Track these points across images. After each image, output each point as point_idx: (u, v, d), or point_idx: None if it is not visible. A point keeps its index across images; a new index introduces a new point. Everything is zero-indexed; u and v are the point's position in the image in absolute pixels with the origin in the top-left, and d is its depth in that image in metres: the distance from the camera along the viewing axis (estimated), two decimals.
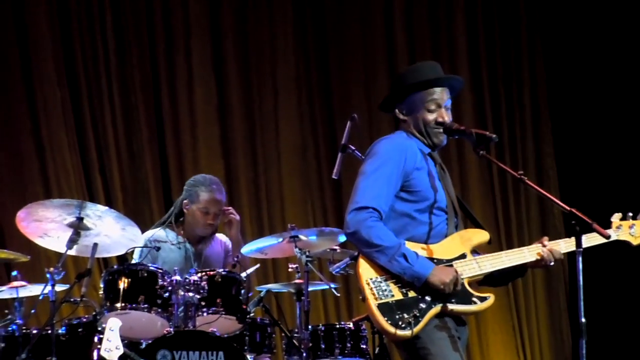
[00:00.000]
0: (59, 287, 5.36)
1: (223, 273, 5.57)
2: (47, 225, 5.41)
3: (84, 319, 5.57)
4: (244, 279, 5.63)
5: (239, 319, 5.53)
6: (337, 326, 6.12)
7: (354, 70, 8.59)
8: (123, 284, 5.37)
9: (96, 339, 5.34)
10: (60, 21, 7.65)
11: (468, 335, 4.21)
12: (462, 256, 4.05)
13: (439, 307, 3.92)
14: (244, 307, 5.57)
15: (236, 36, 8.24)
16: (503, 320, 8.53)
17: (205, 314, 5.45)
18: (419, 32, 8.74)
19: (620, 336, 8.24)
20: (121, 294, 5.34)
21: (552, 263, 4.12)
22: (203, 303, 5.45)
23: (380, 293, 3.90)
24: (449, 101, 4.21)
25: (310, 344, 5.80)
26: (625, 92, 8.49)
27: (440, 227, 4.10)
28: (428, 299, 3.91)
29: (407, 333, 3.85)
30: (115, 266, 5.67)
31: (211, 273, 5.53)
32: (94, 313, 5.48)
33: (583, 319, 3.74)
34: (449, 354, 3.92)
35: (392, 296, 3.90)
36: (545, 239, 4.17)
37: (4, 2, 7.49)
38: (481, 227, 4.20)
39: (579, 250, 3.80)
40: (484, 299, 4.00)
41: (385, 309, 3.86)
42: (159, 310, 5.36)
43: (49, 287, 5.28)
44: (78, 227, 5.36)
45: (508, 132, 8.81)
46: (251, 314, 5.76)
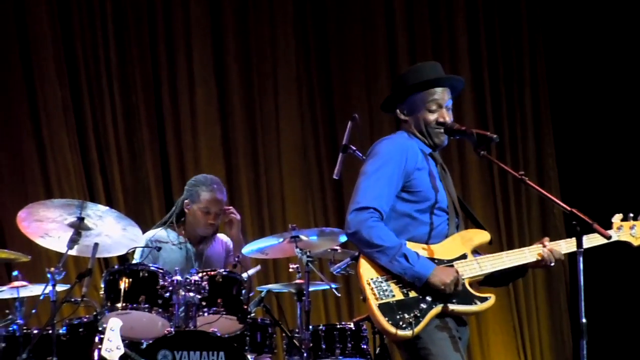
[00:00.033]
0: (59, 287, 5.36)
1: (224, 273, 5.56)
2: (48, 225, 5.41)
3: (85, 319, 5.57)
4: (245, 279, 5.63)
5: (240, 319, 5.53)
6: (338, 326, 6.11)
7: (355, 70, 8.59)
8: (124, 284, 5.36)
9: (97, 339, 5.34)
10: (61, 21, 7.64)
11: (469, 336, 4.21)
12: (463, 256, 4.04)
13: (440, 307, 3.92)
14: (245, 307, 5.57)
15: (237, 36, 8.24)
16: (504, 321, 8.53)
17: (206, 314, 5.45)
18: (419, 32, 8.74)
19: (621, 337, 8.23)
20: (122, 294, 5.34)
21: (552, 264, 4.12)
22: (204, 303, 5.44)
23: (381, 293, 3.89)
24: (450, 101, 4.21)
25: (311, 344, 5.80)
26: (627, 93, 8.48)
27: (441, 227, 4.10)
28: (429, 299, 3.91)
29: (408, 333, 3.85)
30: (116, 266, 5.67)
31: (212, 273, 5.53)
32: (94, 313, 5.48)
33: (584, 320, 3.74)
34: (449, 354, 3.91)
35: (393, 296, 3.90)
36: (546, 239, 4.18)
37: (5, 1, 7.49)
38: (482, 227, 4.20)
39: (580, 250, 3.80)
40: (484, 299, 4.00)
41: (386, 309, 3.86)
42: (160, 310, 5.36)
43: (49, 287, 5.27)
44: (79, 227, 5.36)
45: (509, 132, 8.81)
46: (252, 314, 5.76)
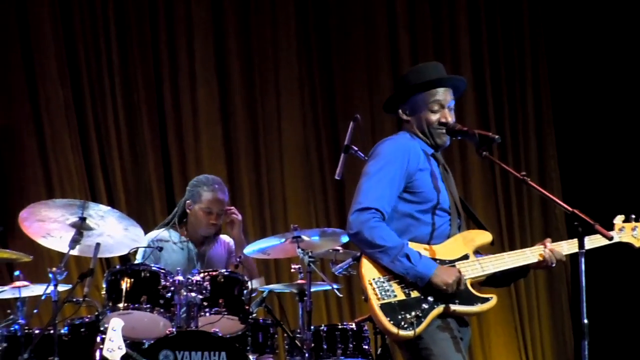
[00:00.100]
0: (61, 287, 5.36)
1: (225, 273, 5.57)
2: (49, 225, 5.41)
3: (87, 319, 5.57)
4: (250, 287, 5.63)
5: (242, 320, 5.53)
6: (340, 327, 6.11)
7: (357, 70, 8.59)
8: (125, 284, 5.37)
9: (98, 339, 5.35)
10: (63, 21, 7.64)
11: (470, 336, 4.21)
12: (465, 257, 4.04)
13: (442, 307, 3.92)
14: (247, 307, 5.57)
15: (239, 36, 8.24)
16: (505, 322, 8.52)
17: (207, 314, 5.45)
18: (421, 32, 8.73)
19: (622, 337, 8.23)
20: (124, 294, 5.34)
21: (553, 264, 4.12)
22: (205, 303, 5.45)
23: (383, 293, 3.89)
24: (452, 102, 4.21)
25: (313, 345, 5.80)
26: (629, 93, 8.48)
27: (443, 227, 4.10)
28: (431, 299, 3.91)
29: (410, 333, 3.85)
30: (117, 266, 5.67)
31: (214, 273, 5.53)
32: (96, 313, 5.49)
33: (585, 320, 3.73)
34: (451, 355, 3.91)
35: (395, 296, 3.90)
36: (548, 240, 4.17)
37: (7, 1, 7.49)
38: (484, 228, 4.20)
39: (582, 251, 3.79)
40: (486, 299, 4.00)
41: (387, 309, 3.86)
42: (162, 310, 5.36)
43: (51, 287, 5.28)
44: (81, 227, 5.36)
45: (511, 133, 8.81)
46: (253, 315, 5.76)
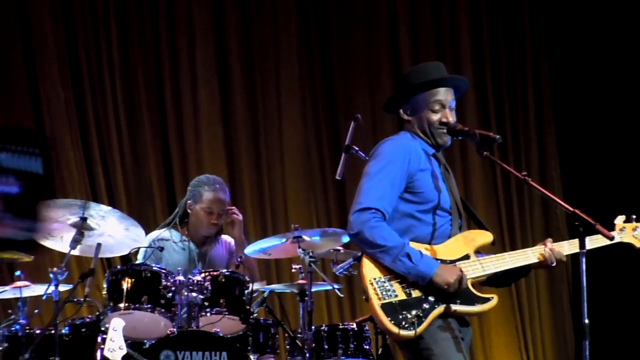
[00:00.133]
0: (62, 287, 5.37)
1: (226, 273, 5.57)
2: (50, 226, 5.41)
3: (88, 319, 5.57)
4: (251, 288, 5.63)
5: (243, 320, 5.53)
6: (340, 327, 6.10)
7: (358, 70, 8.58)
8: (126, 284, 5.37)
9: (99, 339, 5.35)
10: (64, 21, 7.64)
11: (472, 336, 4.21)
12: (466, 257, 4.04)
13: (443, 307, 3.92)
14: (248, 307, 5.57)
15: (240, 37, 8.24)
16: (506, 322, 8.52)
17: (208, 314, 5.45)
18: (422, 32, 8.73)
19: (623, 337, 8.22)
20: (125, 294, 5.34)
21: (553, 264, 4.11)
22: (206, 303, 5.45)
23: (384, 293, 3.89)
24: (453, 102, 4.20)
25: (314, 345, 5.80)
26: (630, 93, 8.47)
27: (444, 227, 4.10)
28: (431, 299, 3.91)
29: (411, 333, 3.85)
30: (118, 266, 5.67)
31: (215, 273, 5.53)
32: (97, 313, 5.49)
33: (586, 320, 3.73)
34: (452, 355, 3.91)
35: (396, 296, 3.90)
36: (549, 240, 4.17)
37: (8, 2, 7.49)
38: (485, 228, 4.20)
39: (583, 251, 3.79)
40: (487, 299, 3.99)
41: (388, 309, 3.86)
42: (163, 310, 5.37)
43: (52, 287, 5.28)
44: (82, 227, 5.37)
45: (512, 133, 8.80)
46: (254, 315, 5.77)
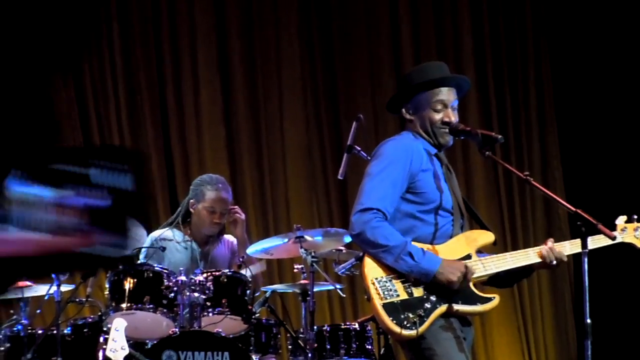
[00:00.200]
0: (64, 287, 5.37)
1: (229, 273, 5.57)
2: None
3: (90, 319, 5.57)
4: (249, 278, 5.64)
5: (245, 320, 5.53)
6: (343, 327, 6.10)
7: (360, 70, 8.58)
8: (129, 284, 5.37)
9: (102, 339, 5.35)
10: None
11: (474, 336, 4.21)
12: (467, 257, 4.04)
13: (444, 307, 3.92)
14: (250, 307, 5.57)
15: (241, 37, 8.24)
16: (508, 322, 8.52)
17: (210, 314, 5.45)
18: (424, 32, 8.73)
19: (625, 337, 8.22)
20: (127, 294, 5.34)
21: (553, 262, 4.07)
22: (208, 303, 5.45)
23: (386, 293, 3.89)
24: (455, 101, 4.20)
25: (316, 345, 5.80)
26: (632, 93, 8.47)
27: (446, 227, 4.10)
28: (433, 298, 3.91)
29: (412, 333, 3.85)
30: (120, 266, 5.67)
31: (217, 273, 5.53)
32: (99, 313, 5.49)
33: (588, 320, 3.73)
34: (454, 355, 3.91)
35: (398, 296, 3.90)
36: (550, 240, 4.16)
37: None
38: (486, 228, 4.19)
39: (585, 251, 3.79)
40: (489, 299, 4.00)
41: (390, 308, 3.86)
42: (165, 310, 5.37)
43: (54, 287, 5.29)
44: None
45: (514, 133, 8.80)
46: (256, 315, 5.77)
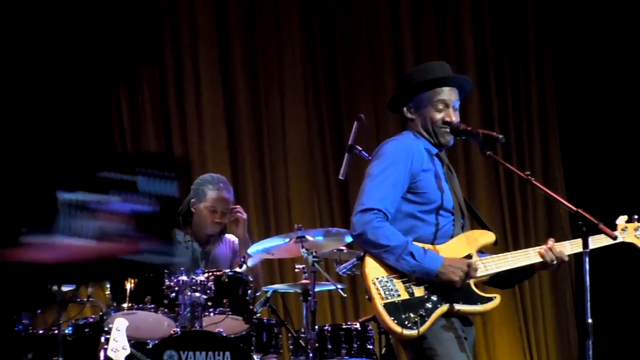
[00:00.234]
0: (65, 287, 5.36)
1: (230, 273, 5.57)
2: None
3: (91, 319, 5.58)
4: (250, 266, 5.65)
5: (246, 319, 5.53)
6: (344, 326, 6.11)
7: (361, 70, 8.58)
8: (130, 284, 5.37)
9: (103, 339, 5.35)
10: None
11: (475, 336, 4.20)
12: (468, 257, 4.03)
13: (445, 307, 3.92)
14: (251, 307, 5.58)
15: (243, 38, 8.24)
16: (509, 321, 8.51)
17: (211, 314, 5.45)
18: (425, 32, 8.72)
19: (626, 337, 8.22)
20: (128, 294, 5.35)
21: (554, 261, 4.07)
22: (210, 303, 5.45)
23: (387, 293, 3.89)
24: (457, 102, 4.21)
25: (317, 345, 5.80)
26: (633, 93, 8.46)
27: (447, 227, 4.10)
28: (434, 298, 3.91)
29: (414, 333, 3.85)
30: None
31: (218, 273, 5.53)
32: (100, 313, 5.49)
33: (589, 320, 3.73)
34: (455, 355, 3.91)
35: (399, 296, 3.90)
36: (551, 240, 4.15)
37: None
38: (487, 228, 4.19)
39: (586, 251, 3.79)
40: (490, 299, 4.00)
41: (391, 308, 3.86)
42: (166, 310, 5.37)
43: (55, 287, 5.27)
44: None
45: (515, 133, 8.79)
46: (258, 315, 5.77)
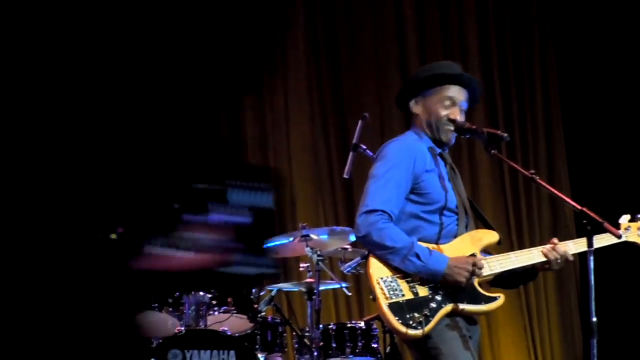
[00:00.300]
0: None
1: None
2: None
3: None
4: None
5: (250, 318, 5.54)
6: (348, 325, 6.11)
7: (365, 71, 8.57)
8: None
9: None
10: None
11: (480, 335, 4.21)
12: (472, 256, 4.04)
13: (450, 306, 3.92)
14: (255, 306, 5.58)
15: None
16: (514, 321, 8.51)
17: (216, 313, 5.46)
18: (430, 32, 8.72)
19: (631, 336, 8.21)
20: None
21: (559, 260, 4.07)
22: (214, 302, 5.46)
23: (391, 292, 3.90)
24: (464, 103, 4.20)
25: (321, 343, 5.81)
26: (638, 92, 8.46)
27: (451, 227, 4.10)
28: (439, 298, 3.92)
29: (418, 332, 3.85)
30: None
31: None
32: None
33: (594, 319, 3.73)
34: (460, 354, 3.91)
35: (403, 295, 3.90)
36: (555, 240, 4.16)
37: None
38: (491, 227, 4.19)
39: (591, 249, 3.78)
40: (494, 299, 4.00)
41: (396, 308, 3.86)
42: (170, 309, 5.38)
43: None
44: None
45: (519, 132, 8.78)
46: (262, 313, 5.77)
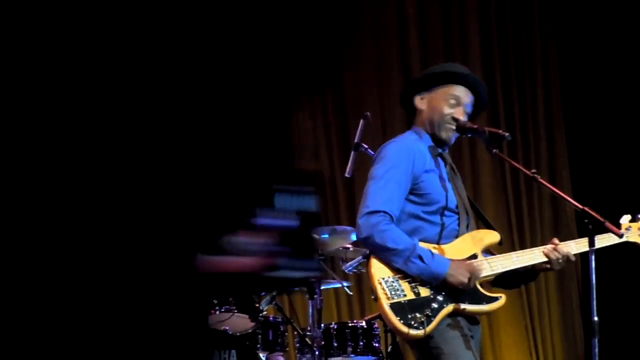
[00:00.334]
0: None
1: None
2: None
3: None
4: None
5: (252, 317, 5.54)
6: (350, 324, 6.10)
7: (367, 70, 8.57)
8: None
9: None
10: None
11: (481, 334, 4.21)
12: (473, 256, 4.04)
13: (451, 306, 3.93)
14: (257, 305, 5.58)
15: None
16: (515, 320, 8.51)
17: (217, 312, 5.46)
18: (431, 32, 8.71)
19: (633, 335, 8.21)
20: None
21: (560, 260, 4.07)
22: (215, 301, 5.45)
23: (393, 292, 3.90)
24: (469, 105, 4.20)
25: (323, 343, 5.80)
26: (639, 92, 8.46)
27: (452, 227, 4.10)
28: (440, 298, 3.92)
29: (420, 332, 3.86)
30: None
31: None
32: None
33: (596, 318, 3.74)
34: (461, 353, 3.92)
35: (404, 296, 3.90)
36: (556, 240, 4.16)
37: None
38: (492, 227, 4.20)
39: (592, 249, 3.79)
40: (495, 299, 4.00)
41: (397, 308, 3.87)
42: None
43: None
44: None
45: (521, 132, 8.78)
46: (264, 312, 5.77)
